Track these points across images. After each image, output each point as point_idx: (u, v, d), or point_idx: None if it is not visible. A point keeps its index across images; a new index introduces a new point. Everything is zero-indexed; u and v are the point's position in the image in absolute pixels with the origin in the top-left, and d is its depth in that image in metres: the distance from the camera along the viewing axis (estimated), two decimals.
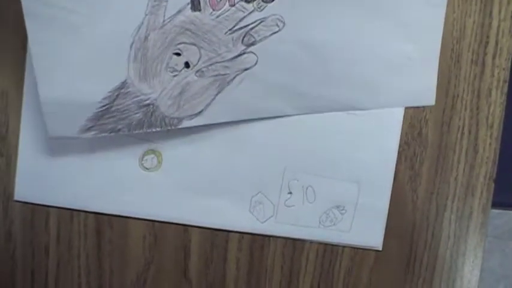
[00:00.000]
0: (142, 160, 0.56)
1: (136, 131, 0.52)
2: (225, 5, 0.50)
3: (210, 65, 0.51)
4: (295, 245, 0.58)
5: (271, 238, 0.58)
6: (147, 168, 0.56)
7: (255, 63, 0.52)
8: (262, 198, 0.57)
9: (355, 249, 0.58)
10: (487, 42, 0.56)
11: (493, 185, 0.57)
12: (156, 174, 0.57)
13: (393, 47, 0.54)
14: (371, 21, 0.53)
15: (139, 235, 0.58)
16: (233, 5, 0.50)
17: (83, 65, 0.50)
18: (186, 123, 0.53)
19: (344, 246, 0.58)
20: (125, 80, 0.51)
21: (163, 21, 0.50)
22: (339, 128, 0.56)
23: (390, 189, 0.57)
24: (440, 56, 0.56)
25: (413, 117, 0.56)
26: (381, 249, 0.58)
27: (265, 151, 0.56)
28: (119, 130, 0.52)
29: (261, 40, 0.51)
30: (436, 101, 0.56)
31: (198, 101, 0.52)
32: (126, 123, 0.52)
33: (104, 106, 0.51)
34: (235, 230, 0.57)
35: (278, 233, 0.57)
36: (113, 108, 0.51)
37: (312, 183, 0.57)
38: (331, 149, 0.56)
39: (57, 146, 0.56)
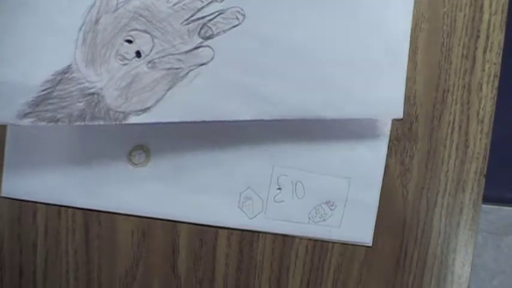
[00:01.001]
0: (130, 156, 0.56)
1: (77, 123, 0.48)
2: None
3: (163, 56, 0.48)
4: (284, 241, 0.57)
5: (260, 234, 0.57)
6: (135, 164, 0.56)
7: (211, 59, 0.48)
8: (251, 194, 0.56)
9: (345, 245, 0.57)
10: (478, 37, 0.56)
11: (483, 180, 0.57)
12: (144, 169, 0.56)
13: (360, 51, 0.50)
14: (339, 18, 0.49)
15: (128, 231, 0.57)
16: None
17: (27, 43, 0.47)
18: (133, 119, 0.49)
19: (334, 242, 0.57)
20: (70, 64, 0.47)
21: (117, 4, 0.47)
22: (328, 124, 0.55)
23: (380, 185, 0.56)
24: (430, 50, 0.55)
25: (404, 112, 0.56)
26: (371, 245, 0.57)
27: (254, 146, 0.56)
28: (58, 120, 0.48)
29: (219, 33, 0.48)
30: (426, 95, 0.56)
31: (147, 95, 0.48)
32: (66, 112, 0.48)
33: (44, 90, 0.47)
34: (224, 226, 0.57)
35: (267, 228, 0.57)
36: (54, 94, 0.47)
37: (301, 179, 0.56)
38: (320, 144, 0.56)
39: (44, 142, 0.55)
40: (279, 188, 0.56)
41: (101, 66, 0.47)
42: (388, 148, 0.56)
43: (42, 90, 0.47)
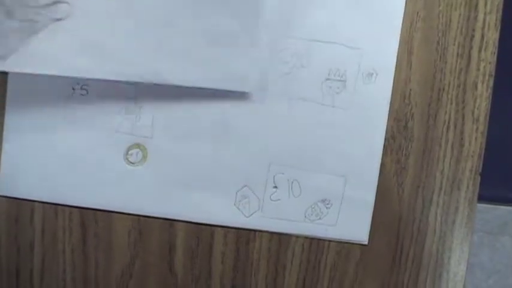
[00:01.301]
0: (127, 155, 0.56)
1: None
2: None
3: (21, 6, 0.47)
4: (280, 239, 0.58)
5: (256, 232, 0.57)
6: (132, 163, 0.56)
7: (68, 15, 0.48)
8: (248, 193, 0.57)
9: (341, 243, 0.58)
10: (473, 36, 0.56)
11: (479, 178, 0.57)
12: (141, 168, 0.56)
13: (212, 21, 0.50)
14: None
15: (125, 230, 0.57)
16: None
17: None
18: None
19: (330, 241, 0.58)
20: None
21: None
22: (324, 122, 0.56)
23: (376, 183, 0.57)
24: (425, 49, 0.56)
25: (399, 111, 0.56)
26: (367, 243, 0.57)
27: (251, 145, 0.56)
28: None
29: None
30: (422, 94, 0.56)
31: (1, 43, 0.48)
32: None
33: None
34: (221, 224, 0.57)
35: (264, 227, 0.57)
36: None
37: (297, 177, 0.56)
38: (316, 142, 0.56)
39: (41, 140, 0.56)
40: (275, 187, 0.57)
41: None
42: (383, 147, 0.56)
43: None
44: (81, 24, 0.48)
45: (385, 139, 0.56)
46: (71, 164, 0.56)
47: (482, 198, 0.59)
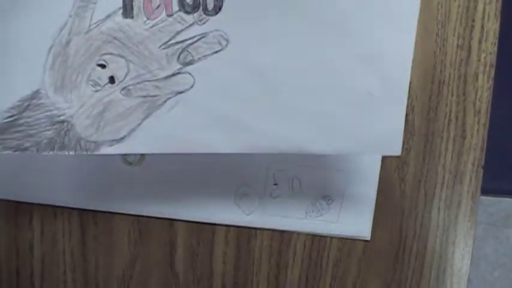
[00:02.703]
0: (125, 155, 0.56)
1: (46, 152, 0.44)
2: (161, 14, 0.42)
3: (139, 83, 0.43)
4: (282, 237, 0.57)
5: (257, 230, 0.57)
6: (130, 163, 0.56)
7: (191, 86, 0.43)
8: (248, 190, 0.56)
9: (343, 239, 0.57)
10: (473, 26, 0.55)
11: (481, 171, 0.57)
12: (139, 168, 0.56)
13: (355, 81, 0.45)
14: (332, 45, 0.44)
15: (124, 230, 0.57)
16: (171, 15, 0.42)
17: None
18: (105, 150, 0.44)
19: (332, 237, 0.57)
20: (38, 89, 0.42)
21: (90, 25, 0.42)
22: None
23: (377, 178, 0.56)
24: (425, 41, 0.55)
25: None
26: (369, 239, 0.57)
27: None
28: (26, 149, 0.44)
29: (200, 59, 0.43)
30: (422, 87, 0.55)
31: (121, 124, 0.43)
32: (34, 141, 0.43)
33: (10, 117, 0.43)
34: (221, 223, 0.57)
35: (264, 225, 0.57)
36: (21, 121, 0.43)
37: (297, 174, 0.56)
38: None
39: None
40: (275, 184, 0.56)
41: (71, 92, 0.43)
42: None
43: (8, 117, 0.43)
44: (206, 95, 0.43)
45: None
46: (69, 165, 0.56)
47: (486, 191, 0.59)
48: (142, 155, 0.55)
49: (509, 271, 1.17)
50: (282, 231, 0.57)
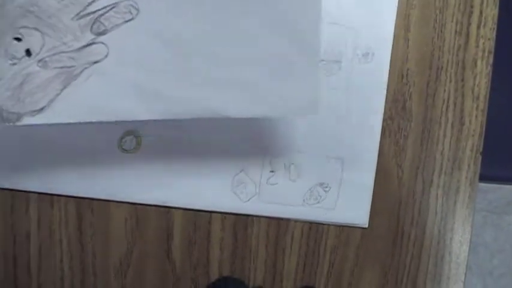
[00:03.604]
0: (121, 142, 0.55)
1: None
2: None
3: (55, 54, 0.43)
4: (279, 224, 0.57)
5: (254, 218, 0.57)
6: (126, 150, 0.55)
7: (106, 56, 0.44)
8: (244, 177, 0.56)
9: (340, 227, 0.57)
10: (471, 12, 0.55)
11: (480, 158, 0.56)
12: (135, 156, 0.55)
13: (267, 45, 0.45)
14: (241, 12, 0.44)
15: (121, 218, 0.57)
16: None
17: None
18: (27, 121, 0.44)
19: (329, 225, 0.57)
20: None
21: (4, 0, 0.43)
22: (320, 104, 0.54)
23: (375, 165, 0.56)
24: (423, 27, 0.54)
25: (397, 91, 0.55)
26: (367, 226, 0.57)
27: (246, 129, 0.55)
28: None
29: (112, 29, 0.43)
30: (420, 73, 0.55)
31: (40, 95, 0.44)
32: None
33: None
34: (218, 210, 0.56)
35: (261, 212, 0.56)
36: None
37: (294, 161, 0.55)
38: (313, 124, 0.55)
39: (34, 130, 0.55)
40: (272, 171, 0.56)
41: None
42: (381, 128, 0.55)
43: None
44: (120, 64, 0.44)
45: (383, 120, 0.55)
46: (65, 153, 0.55)
47: (485, 177, 0.58)
48: (138, 142, 0.55)
49: (509, 258, 1.16)
50: (279, 219, 0.57)
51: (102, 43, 0.44)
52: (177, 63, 0.45)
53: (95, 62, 0.44)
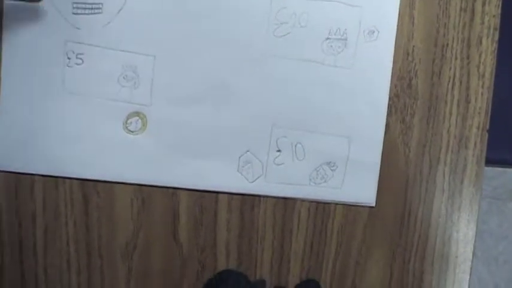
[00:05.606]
0: (126, 123, 0.55)
1: None
2: None
3: None
4: (286, 204, 0.57)
5: (261, 198, 0.56)
6: (131, 131, 0.55)
7: None
8: (251, 157, 0.55)
9: (347, 206, 0.57)
10: None
11: (486, 135, 0.56)
12: (141, 137, 0.55)
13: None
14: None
15: (127, 200, 0.56)
16: None
17: None
18: None
19: (336, 204, 0.57)
20: None
21: None
22: (326, 82, 0.54)
23: (381, 143, 0.55)
24: (427, 4, 0.54)
25: (402, 69, 0.55)
26: (374, 205, 0.56)
27: (252, 108, 0.55)
28: None
29: None
30: (425, 51, 0.55)
31: None
32: None
33: None
34: (224, 191, 0.56)
35: (268, 192, 0.56)
36: None
37: (301, 140, 0.55)
38: (319, 103, 0.55)
39: (39, 113, 0.54)
40: (279, 150, 0.55)
41: None
42: (388, 106, 0.55)
43: None
44: None
45: (389, 98, 0.55)
46: (69, 135, 0.55)
47: (489, 161, 0.58)
48: (143, 123, 0.55)
49: None
50: (286, 199, 0.56)
51: None
52: None
53: None
